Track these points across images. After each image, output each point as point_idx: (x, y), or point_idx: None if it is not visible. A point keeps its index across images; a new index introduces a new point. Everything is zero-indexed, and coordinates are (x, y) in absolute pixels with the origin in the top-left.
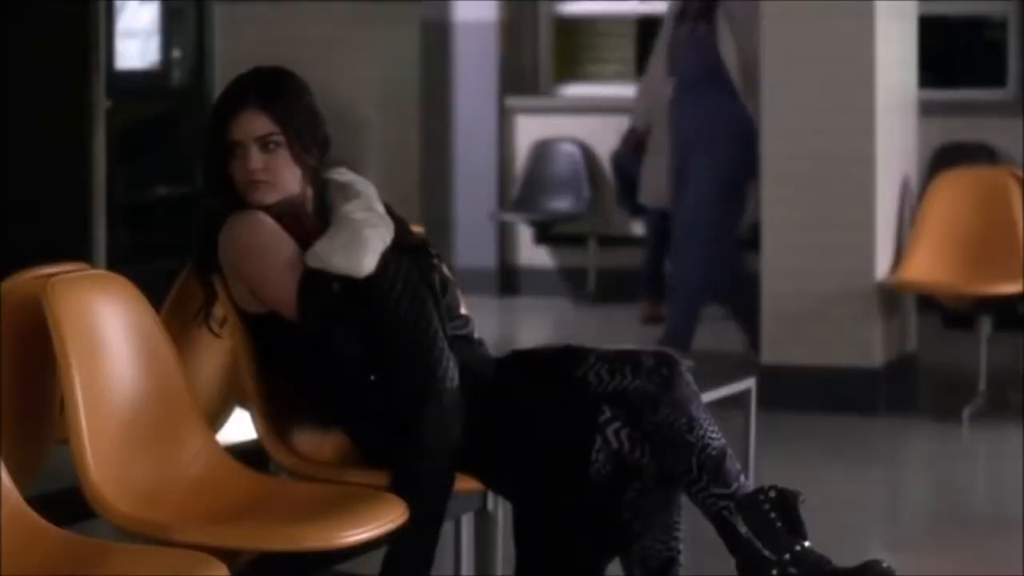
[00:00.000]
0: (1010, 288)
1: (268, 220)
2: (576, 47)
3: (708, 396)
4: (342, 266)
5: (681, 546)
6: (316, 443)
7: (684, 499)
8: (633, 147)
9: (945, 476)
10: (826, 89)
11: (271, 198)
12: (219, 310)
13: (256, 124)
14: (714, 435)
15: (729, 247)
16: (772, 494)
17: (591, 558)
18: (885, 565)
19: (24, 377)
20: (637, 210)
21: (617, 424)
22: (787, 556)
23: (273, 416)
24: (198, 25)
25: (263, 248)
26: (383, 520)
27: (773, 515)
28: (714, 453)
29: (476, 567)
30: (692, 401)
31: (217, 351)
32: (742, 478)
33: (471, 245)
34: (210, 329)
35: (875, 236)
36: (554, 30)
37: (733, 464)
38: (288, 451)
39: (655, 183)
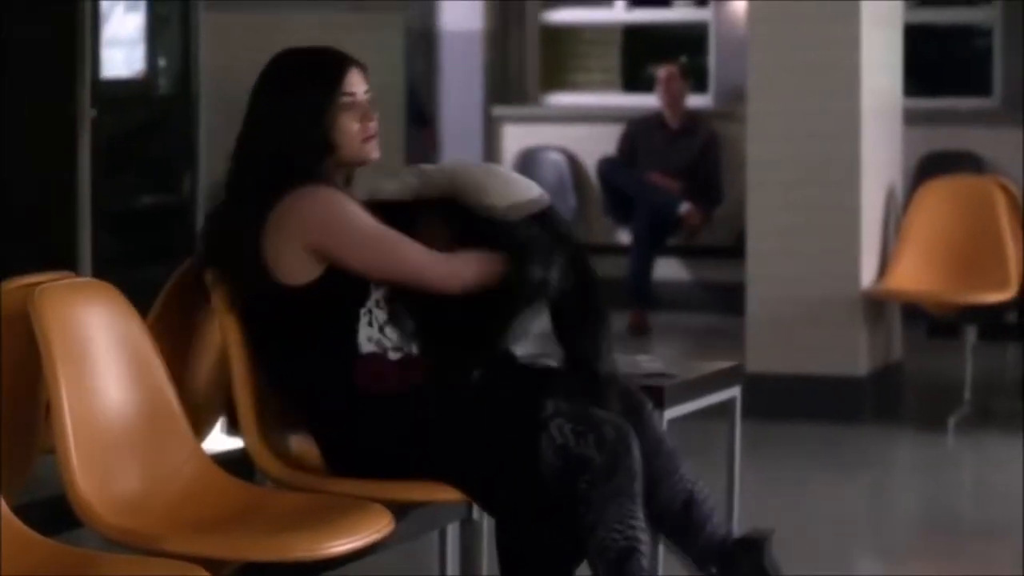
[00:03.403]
0: (995, 297)
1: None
2: (562, 56)
3: (693, 406)
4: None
5: (643, 535)
6: (303, 453)
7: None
8: (627, 154)
9: (930, 484)
10: (811, 95)
11: (377, 155)
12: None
13: (363, 83)
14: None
15: None
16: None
17: (560, 561)
18: None
19: (10, 386)
20: (623, 219)
21: (560, 419)
22: None
23: (260, 425)
24: (183, 33)
25: (356, 218)
26: (369, 530)
27: None
28: (612, 556)
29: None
30: (615, 498)
31: (204, 360)
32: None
33: None
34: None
35: (860, 244)
36: (540, 39)
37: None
38: (275, 460)
39: None
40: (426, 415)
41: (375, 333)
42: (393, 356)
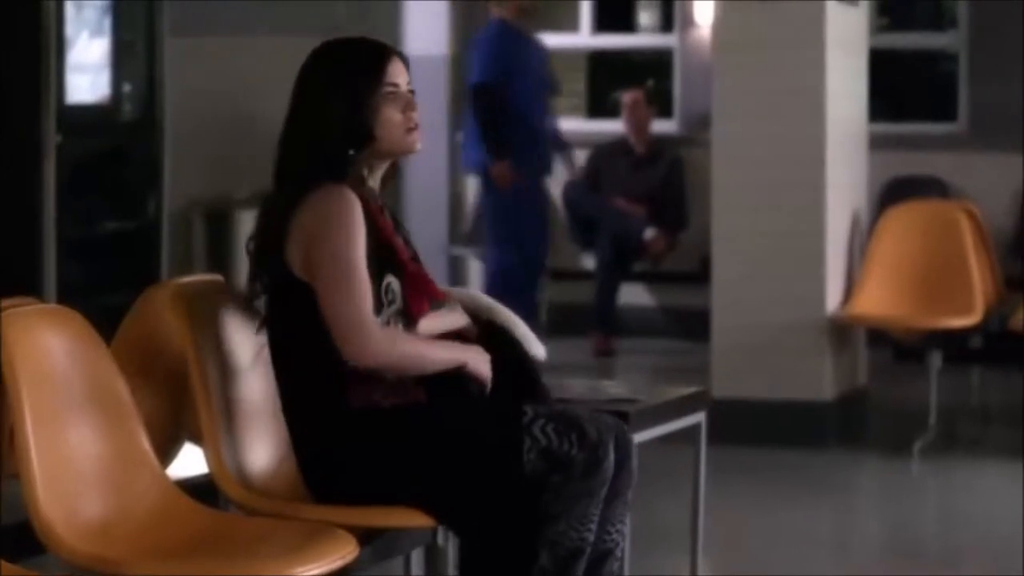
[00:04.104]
0: (960, 322)
1: (359, 207)
2: None
3: (658, 431)
4: None
5: (592, 537)
6: (267, 477)
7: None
8: (592, 179)
9: (895, 509)
10: (776, 121)
11: (419, 146)
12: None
13: (405, 73)
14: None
15: None
16: None
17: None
18: None
19: None
20: (588, 244)
21: (542, 421)
22: None
23: (224, 450)
24: (148, 59)
25: (351, 236)
26: (333, 556)
27: None
28: (562, 552)
29: None
30: (584, 498)
31: (168, 385)
32: None
33: None
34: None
35: (825, 269)
36: None
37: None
38: (239, 485)
39: None
40: (410, 433)
41: None
42: (389, 375)
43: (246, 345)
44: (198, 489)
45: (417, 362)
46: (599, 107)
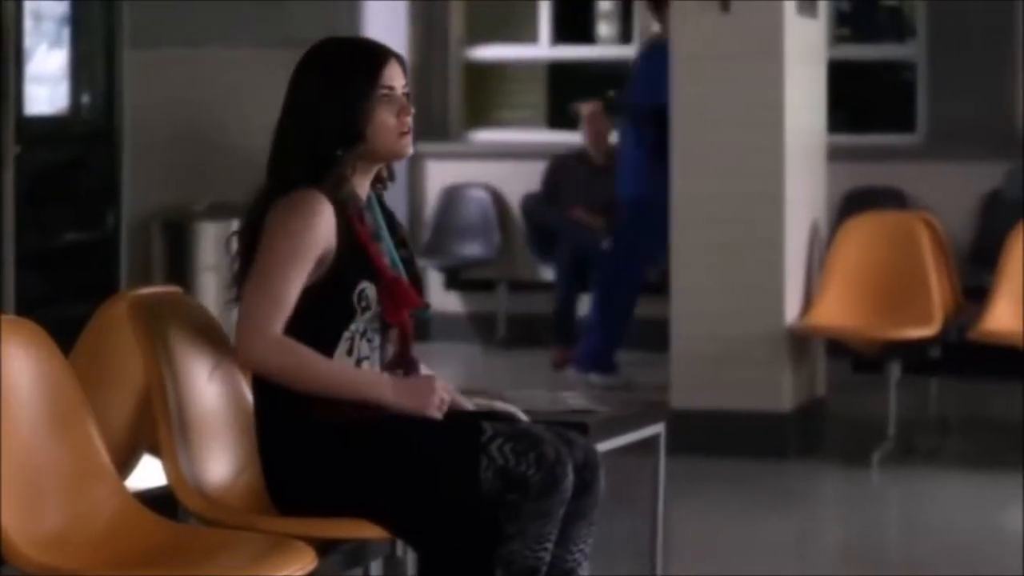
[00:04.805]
0: (919, 333)
1: (328, 214)
2: (486, 92)
3: (617, 441)
4: None
5: (548, 557)
6: (226, 489)
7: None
8: (551, 191)
9: (854, 520)
10: (735, 132)
11: (411, 151)
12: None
13: (402, 76)
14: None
15: None
16: None
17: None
18: None
19: None
20: (547, 255)
21: (500, 440)
22: None
23: (183, 461)
24: (107, 70)
25: (292, 248)
26: (292, 568)
27: None
28: (516, 570)
29: None
30: (540, 518)
31: (126, 396)
32: None
33: None
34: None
35: (784, 280)
36: (464, 75)
37: None
38: (197, 497)
39: None
40: (370, 447)
41: (351, 363)
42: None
43: (205, 357)
44: (156, 500)
45: (309, 382)
46: (558, 118)
